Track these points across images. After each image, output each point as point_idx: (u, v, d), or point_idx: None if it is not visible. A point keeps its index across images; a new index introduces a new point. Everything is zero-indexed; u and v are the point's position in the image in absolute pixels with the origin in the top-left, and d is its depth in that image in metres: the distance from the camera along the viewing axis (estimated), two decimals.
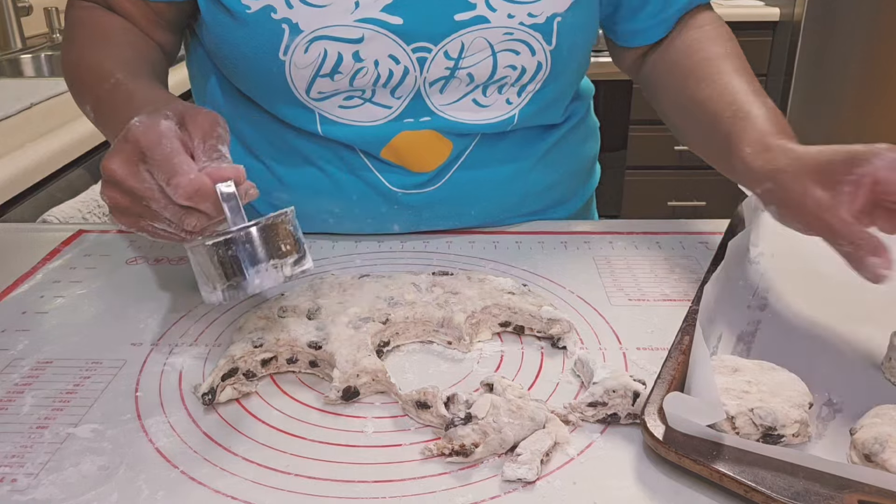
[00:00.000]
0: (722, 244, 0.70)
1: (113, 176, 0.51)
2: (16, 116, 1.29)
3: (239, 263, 0.50)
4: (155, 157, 0.50)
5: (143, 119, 0.52)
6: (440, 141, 0.75)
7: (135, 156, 0.51)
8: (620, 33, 0.82)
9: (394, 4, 0.68)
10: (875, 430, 0.46)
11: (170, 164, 0.49)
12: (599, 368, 0.53)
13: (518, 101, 0.75)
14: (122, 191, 0.52)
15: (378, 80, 0.71)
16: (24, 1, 2.06)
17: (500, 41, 0.71)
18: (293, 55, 0.69)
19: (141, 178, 0.51)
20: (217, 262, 0.50)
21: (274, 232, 0.51)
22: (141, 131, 0.51)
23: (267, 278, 0.51)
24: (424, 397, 0.50)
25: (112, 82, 0.64)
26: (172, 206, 0.51)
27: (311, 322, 0.59)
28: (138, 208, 0.52)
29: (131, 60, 0.69)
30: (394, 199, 0.77)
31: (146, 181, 0.51)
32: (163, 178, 0.50)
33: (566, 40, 0.73)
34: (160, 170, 0.50)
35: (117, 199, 0.52)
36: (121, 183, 0.51)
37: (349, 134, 0.74)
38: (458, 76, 0.72)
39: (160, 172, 0.50)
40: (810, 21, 2.36)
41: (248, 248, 0.50)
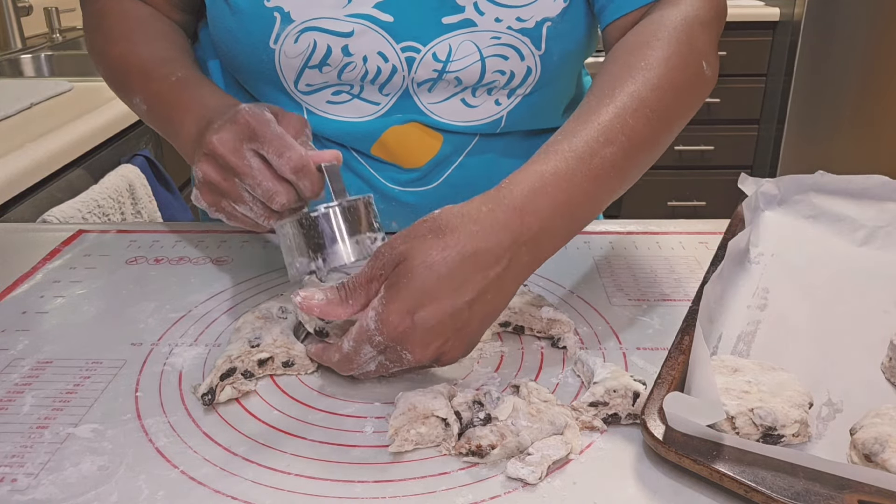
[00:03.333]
0: (722, 244, 0.70)
1: (216, 150, 0.56)
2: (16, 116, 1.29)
3: (343, 232, 0.56)
4: (266, 135, 0.55)
5: (252, 106, 0.57)
6: (428, 134, 0.75)
7: (242, 134, 0.56)
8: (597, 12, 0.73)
9: (385, 1, 0.69)
10: (875, 430, 0.46)
11: (282, 141, 0.55)
12: (599, 368, 0.53)
13: (507, 103, 0.75)
14: (219, 165, 0.56)
15: (366, 76, 0.71)
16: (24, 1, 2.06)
17: (487, 45, 0.70)
18: (283, 44, 0.69)
19: (242, 155, 0.55)
20: (319, 231, 0.56)
21: (368, 209, 0.57)
22: (251, 115, 0.56)
23: (361, 249, 0.56)
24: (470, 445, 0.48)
25: (174, 80, 0.67)
26: (267, 183, 0.55)
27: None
28: (227, 186, 0.57)
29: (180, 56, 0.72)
30: (391, 196, 0.78)
31: (246, 158, 0.55)
32: (274, 151, 0.55)
33: (557, 46, 0.72)
34: (271, 145, 0.55)
35: (211, 173, 0.57)
36: (222, 157, 0.56)
37: (337, 130, 0.75)
38: (445, 78, 0.72)
39: (271, 147, 0.55)
40: (810, 21, 2.36)
41: (347, 220, 0.56)
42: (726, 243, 0.66)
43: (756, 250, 0.72)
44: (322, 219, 0.56)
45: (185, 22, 0.80)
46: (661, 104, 0.60)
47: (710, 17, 0.67)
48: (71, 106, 1.38)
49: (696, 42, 0.64)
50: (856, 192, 0.75)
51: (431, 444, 0.49)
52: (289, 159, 0.54)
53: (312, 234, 0.56)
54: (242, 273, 0.73)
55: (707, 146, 2.67)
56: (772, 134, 2.58)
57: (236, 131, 0.56)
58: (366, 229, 0.57)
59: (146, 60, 0.71)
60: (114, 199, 1.28)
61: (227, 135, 0.56)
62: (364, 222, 0.57)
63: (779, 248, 0.73)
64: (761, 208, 0.78)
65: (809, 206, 0.77)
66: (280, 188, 0.55)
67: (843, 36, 2.38)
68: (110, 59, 0.74)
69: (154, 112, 0.70)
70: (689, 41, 0.63)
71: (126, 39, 0.73)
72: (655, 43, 0.62)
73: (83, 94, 1.45)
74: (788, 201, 0.78)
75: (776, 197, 0.79)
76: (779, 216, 0.78)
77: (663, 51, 0.61)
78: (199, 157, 0.57)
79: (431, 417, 0.49)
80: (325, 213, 0.56)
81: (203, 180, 0.58)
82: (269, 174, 0.55)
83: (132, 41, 0.73)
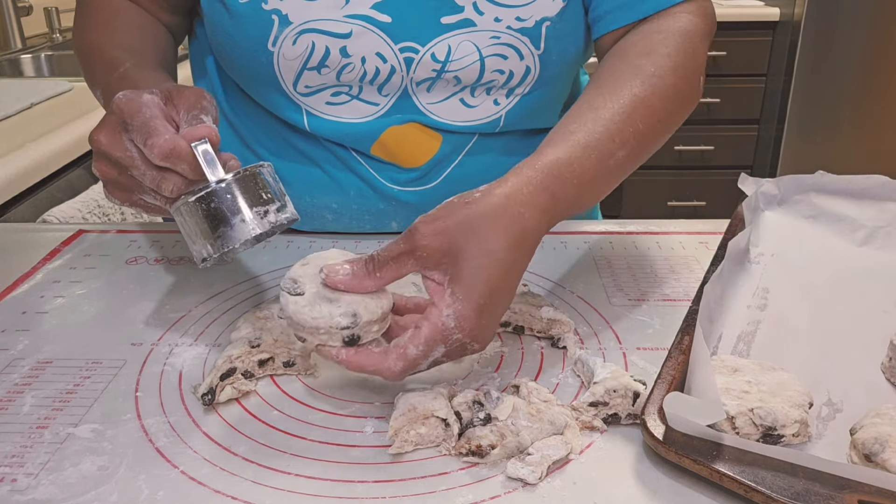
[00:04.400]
0: (722, 244, 0.70)
1: (98, 146, 0.54)
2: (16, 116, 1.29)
3: (223, 214, 0.52)
4: (135, 122, 0.52)
5: (127, 93, 0.54)
6: (427, 134, 0.75)
7: (118, 125, 0.53)
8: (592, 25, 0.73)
9: (384, 2, 0.68)
10: (875, 430, 0.46)
11: (147, 127, 0.52)
12: (599, 368, 0.53)
13: (505, 103, 0.75)
14: (107, 161, 0.54)
15: (365, 77, 0.71)
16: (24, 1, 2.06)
17: (487, 45, 0.71)
18: (282, 47, 0.69)
19: (122, 147, 0.53)
20: (202, 217, 0.52)
21: (253, 182, 0.53)
22: (124, 102, 0.53)
23: (251, 227, 0.52)
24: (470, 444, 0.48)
25: (121, 71, 0.66)
26: (151, 172, 0.53)
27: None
28: (125, 180, 0.55)
29: (140, 47, 0.71)
30: (390, 196, 0.78)
31: (128, 149, 0.53)
32: (140, 140, 0.52)
33: (556, 46, 0.72)
34: (138, 133, 0.52)
35: (106, 171, 0.55)
36: (105, 153, 0.54)
37: (337, 131, 0.74)
38: (444, 78, 0.72)
39: (138, 136, 0.52)
40: (810, 21, 2.36)
41: (229, 197, 0.52)
42: (726, 243, 0.66)
43: (756, 250, 0.72)
44: (199, 203, 0.52)
45: (173, 24, 0.79)
46: (666, 113, 0.61)
47: (706, 32, 0.68)
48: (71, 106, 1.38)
49: (698, 55, 0.66)
50: (856, 192, 0.75)
51: (431, 444, 0.49)
52: (152, 146, 0.51)
53: (196, 219, 0.52)
54: (242, 273, 0.72)
55: (707, 146, 2.66)
56: (772, 134, 2.57)
57: (112, 122, 0.54)
58: (254, 204, 0.52)
59: (109, 53, 0.70)
60: None
61: (106, 128, 0.54)
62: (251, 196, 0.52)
63: (779, 248, 0.73)
64: (761, 208, 0.78)
65: (809, 206, 0.77)
66: (163, 174, 0.52)
67: (843, 36, 2.38)
68: (82, 50, 0.74)
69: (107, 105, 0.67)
70: (693, 54, 0.65)
71: (99, 30, 0.73)
72: (664, 51, 0.63)
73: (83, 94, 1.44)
74: (788, 201, 0.78)
75: (776, 197, 0.79)
76: (779, 216, 0.78)
77: (672, 60, 0.63)
78: (93, 155, 0.55)
79: (431, 418, 0.49)
80: (199, 196, 0.52)
81: (103, 178, 0.55)
82: (150, 162, 0.52)
83: (104, 32, 0.73)
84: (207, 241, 0.52)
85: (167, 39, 0.78)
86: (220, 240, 0.52)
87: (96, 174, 0.56)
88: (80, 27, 0.76)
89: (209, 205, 0.52)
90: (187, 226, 0.53)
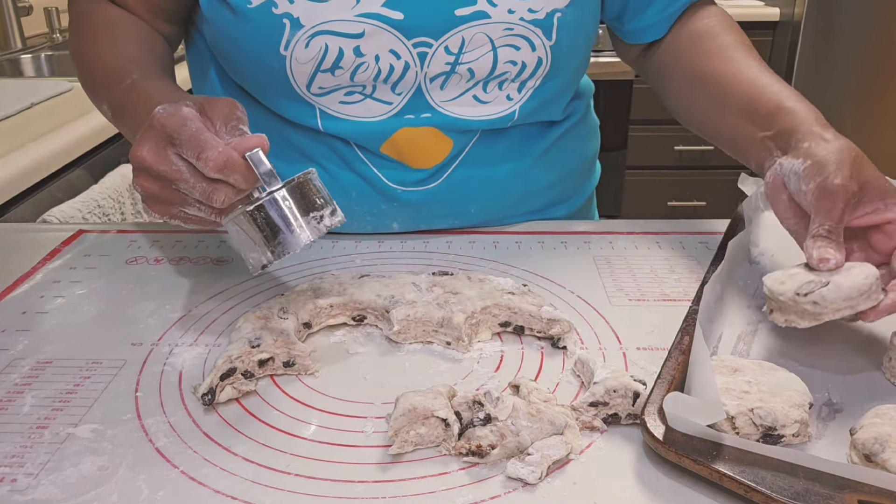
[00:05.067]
0: (722, 244, 0.70)
1: (142, 162, 0.54)
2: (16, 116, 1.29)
3: (282, 222, 0.54)
4: (182, 136, 0.53)
5: (167, 107, 0.55)
6: (440, 139, 0.76)
7: (162, 140, 0.54)
8: (628, 32, 0.82)
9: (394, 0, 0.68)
10: (875, 430, 0.46)
11: (197, 140, 0.52)
12: (600, 368, 0.53)
13: (518, 98, 0.75)
14: (152, 176, 0.55)
15: (379, 76, 0.71)
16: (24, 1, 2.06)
17: (500, 36, 0.71)
18: (294, 50, 0.69)
19: (169, 161, 0.54)
20: (261, 225, 0.54)
21: (307, 188, 0.55)
22: (165, 117, 0.54)
23: (308, 232, 0.54)
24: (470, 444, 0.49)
25: (128, 83, 0.66)
26: (201, 184, 0.53)
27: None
28: (169, 194, 0.55)
29: (142, 57, 0.71)
30: (393, 197, 0.77)
31: (174, 163, 0.53)
32: (192, 154, 0.52)
33: (566, 36, 0.73)
34: (189, 148, 0.52)
35: (148, 186, 0.55)
36: (150, 168, 0.54)
37: (349, 129, 0.74)
38: (458, 71, 0.72)
39: (189, 150, 0.52)
40: (810, 21, 2.36)
41: (287, 206, 0.54)
42: (726, 243, 0.66)
43: (756, 250, 0.72)
44: (256, 213, 0.53)
45: (169, 33, 0.79)
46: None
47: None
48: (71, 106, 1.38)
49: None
50: None
51: (431, 444, 0.49)
52: (207, 160, 0.52)
53: (253, 228, 0.54)
54: (242, 273, 0.72)
55: (707, 146, 2.66)
56: None
57: (155, 137, 0.54)
58: (309, 209, 0.54)
59: (111, 64, 0.70)
60: (114, 199, 1.28)
61: (149, 143, 0.54)
62: (306, 203, 0.55)
63: (779, 248, 0.73)
64: (761, 208, 0.78)
65: None
66: (215, 186, 0.53)
67: (843, 36, 2.38)
68: (82, 62, 0.74)
69: (116, 117, 0.69)
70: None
71: (97, 42, 0.73)
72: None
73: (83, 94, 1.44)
74: None
75: None
76: None
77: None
78: (133, 171, 0.56)
79: (431, 418, 0.49)
80: (258, 206, 0.53)
81: (145, 194, 0.56)
82: (201, 174, 0.53)
83: (103, 44, 0.73)
84: (267, 248, 0.54)
85: (165, 47, 0.78)
86: (281, 246, 0.54)
87: (136, 190, 0.56)
88: (77, 37, 0.76)
89: (269, 213, 0.54)
90: (244, 235, 0.55)
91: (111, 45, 0.72)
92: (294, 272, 0.73)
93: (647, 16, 0.80)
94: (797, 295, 0.54)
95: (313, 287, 0.64)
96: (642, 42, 0.83)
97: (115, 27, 0.74)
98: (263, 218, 0.54)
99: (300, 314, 0.61)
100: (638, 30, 0.82)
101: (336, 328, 0.63)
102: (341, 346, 0.61)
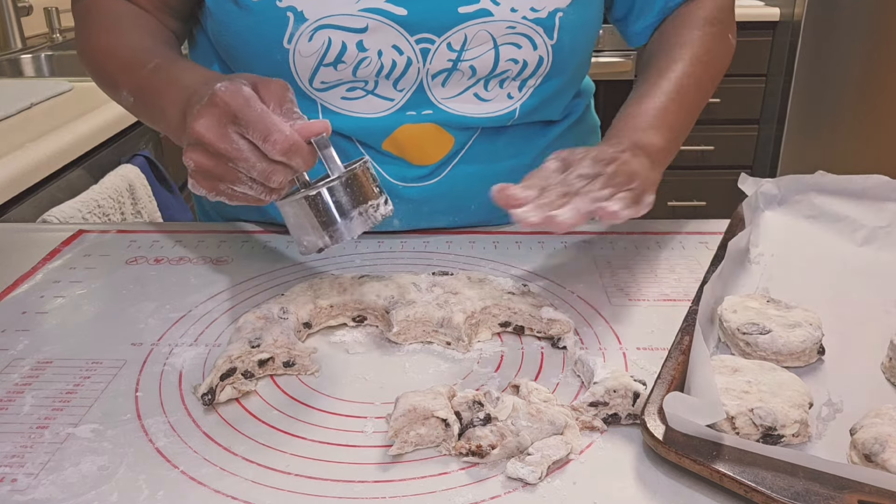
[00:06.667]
0: (722, 244, 0.70)
1: (202, 138, 0.54)
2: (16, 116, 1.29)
3: (342, 208, 0.55)
4: (248, 117, 0.53)
5: (227, 84, 0.54)
6: (442, 135, 0.76)
7: (224, 118, 0.54)
8: (632, 34, 0.83)
9: None
10: (875, 430, 0.46)
11: (264, 123, 0.53)
12: (600, 368, 0.53)
13: (519, 96, 0.76)
14: (209, 153, 0.55)
15: (381, 71, 0.71)
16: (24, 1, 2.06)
17: (502, 34, 0.71)
18: (297, 43, 0.69)
19: (230, 140, 0.54)
20: (321, 210, 0.55)
21: (365, 178, 0.56)
22: (229, 95, 0.54)
23: (364, 221, 0.56)
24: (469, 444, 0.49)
25: (151, 66, 0.67)
26: (261, 164, 0.54)
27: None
28: (222, 170, 0.55)
29: (158, 46, 0.72)
30: (394, 193, 0.78)
31: (235, 142, 0.54)
32: (258, 136, 0.53)
33: (568, 35, 0.73)
34: (254, 129, 0.53)
35: (202, 161, 0.55)
36: (210, 144, 0.54)
37: (351, 125, 0.75)
38: (460, 68, 0.73)
39: (255, 132, 0.53)
40: (810, 21, 2.36)
41: (347, 193, 0.55)
42: (726, 243, 0.66)
43: (756, 250, 0.72)
44: (319, 198, 0.55)
45: (177, 29, 0.80)
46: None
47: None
48: (71, 106, 1.38)
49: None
50: (856, 192, 0.75)
51: (431, 444, 0.49)
52: (274, 143, 0.53)
53: (313, 212, 0.55)
54: (242, 273, 0.73)
55: (707, 146, 2.66)
56: (772, 134, 2.57)
57: (217, 115, 0.54)
58: (367, 198, 0.56)
59: (127, 52, 0.71)
60: (114, 199, 1.28)
61: (210, 120, 0.54)
62: (364, 191, 0.56)
63: (779, 248, 0.73)
64: (761, 208, 0.78)
65: (809, 206, 0.77)
66: (275, 167, 0.54)
67: (843, 36, 2.38)
68: (94, 54, 0.74)
69: (139, 102, 0.70)
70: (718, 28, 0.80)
71: (108, 33, 0.74)
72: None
73: (83, 94, 1.45)
74: (788, 201, 0.78)
75: (776, 197, 0.79)
76: (779, 216, 0.78)
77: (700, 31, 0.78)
78: (187, 145, 0.56)
79: (431, 418, 0.49)
80: (319, 192, 0.55)
81: (196, 169, 0.56)
82: (261, 154, 0.54)
83: (114, 34, 0.73)
84: (325, 233, 0.55)
85: (174, 40, 0.78)
86: (338, 233, 0.55)
87: (186, 164, 0.56)
88: (87, 32, 0.76)
89: (329, 200, 0.55)
90: (301, 218, 0.56)
91: (123, 36, 0.73)
92: (294, 272, 0.73)
93: (650, 15, 0.80)
94: (738, 330, 0.57)
95: (313, 287, 0.64)
96: (643, 43, 0.83)
97: (124, 20, 0.75)
98: (324, 204, 0.55)
99: (300, 314, 0.61)
100: (640, 31, 0.82)
101: (336, 328, 0.63)
102: (341, 346, 0.61)
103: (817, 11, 2.35)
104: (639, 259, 0.75)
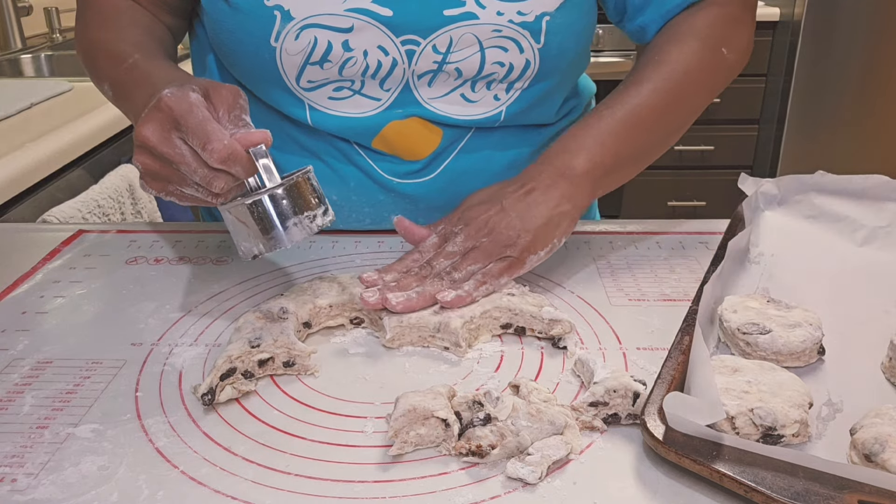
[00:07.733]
0: (722, 244, 0.70)
1: (146, 142, 0.55)
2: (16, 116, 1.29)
3: (279, 217, 0.56)
4: (189, 124, 0.54)
5: (174, 90, 0.55)
6: (428, 129, 0.76)
7: (168, 123, 0.55)
8: (630, 33, 0.82)
9: None
10: (875, 430, 0.46)
11: (203, 130, 0.53)
12: (600, 368, 0.53)
13: (506, 98, 0.76)
14: (154, 156, 0.56)
15: (367, 71, 0.72)
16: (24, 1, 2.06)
17: (488, 38, 0.71)
18: (284, 42, 0.70)
19: (173, 144, 0.55)
20: (257, 218, 0.56)
21: (304, 188, 0.57)
22: (173, 101, 0.55)
23: (301, 230, 0.56)
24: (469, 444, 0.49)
25: (129, 63, 0.68)
26: (202, 170, 0.55)
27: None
28: (168, 172, 0.56)
29: (146, 43, 0.73)
30: (390, 188, 0.78)
31: (177, 147, 0.55)
32: (197, 143, 0.54)
33: (555, 39, 0.73)
34: (194, 136, 0.54)
35: (149, 163, 0.56)
36: (154, 148, 0.55)
37: (339, 125, 0.75)
38: (445, 70, 0.73)
39: (194, 138, 0.54)
40: (810, 21, 2.36)
41: (284, 203, 0.56)
42: (726, 243, 0.66)
43: (756, 250, 0.72)
44: (257, 205, 0.55)
45: (173, 25, 0.80)
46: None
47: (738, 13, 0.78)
48: (71, 106, 1.38)
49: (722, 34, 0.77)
50: (856, 192, 0.75)
51: (431, 444, 0.49)
52: (212, 151, 0.53)
53: (252, 219, 0.56)
54: (242, 273, 0.73)
55: (707, 146, 2.67)
56: (772, 134, 2.57)
57: (161, 120, 0.55)
58: (305, 208, 0.57)
59: (114, 47, 0.72)
60: (114, 199, 1.28)
61: (154, 124, 0.55)
62: (304, 201, 0.56)
63: (779, 248, 0.73)
64: (761, 208, 0.78)
65: (809, 206, 0.77)
66: (216, 174, 0.55)
67: (843, 36, 2.38)
68: (87, 46, 0.75)
69: (116, 96, 0.71)
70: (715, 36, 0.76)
71: (101, 27, 0.75)
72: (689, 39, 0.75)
73: (83, 94, 1.45)
74: (788, 201, 0.78)
75: (776, 197, 0.79)
76: (779, 216, 0.78)
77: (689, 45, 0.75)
78: (135, 146, 0.57)
79: (431, 418, 0.49)
80: (256, 200, 0.55)
81: (144, 171, 0.57)
82: (203, 161, 0.55)
83: (106, 29, 0.74)
84: (259, 240, 0.56)
85: (169, 37, 0.79)
86: (273, 241, 0.56)
87: (135, 165, 0.57)
88: (84, 26, 0.78)
89: (266, 209, 0.56)
90: (239, 224, 0.57)
91: (116, 31, 0.74)
92: (294, 272, 0.73)
93: (645, 14, 0.79)
94: (738, 329, 0.57)
95: (313, 287, 0.64)
96: (642, 42, 0.82)
97: (122, 15, 0.76)
98: (260, 213, 0.55)
99: (300, 314, 0.61)
100: (636, 29, 0.81)
101: (336, 328, 0.63)
102: (341, 346, 0.61)
103: (817, 11, 2.35)
104: (639, 259, 0.75)
